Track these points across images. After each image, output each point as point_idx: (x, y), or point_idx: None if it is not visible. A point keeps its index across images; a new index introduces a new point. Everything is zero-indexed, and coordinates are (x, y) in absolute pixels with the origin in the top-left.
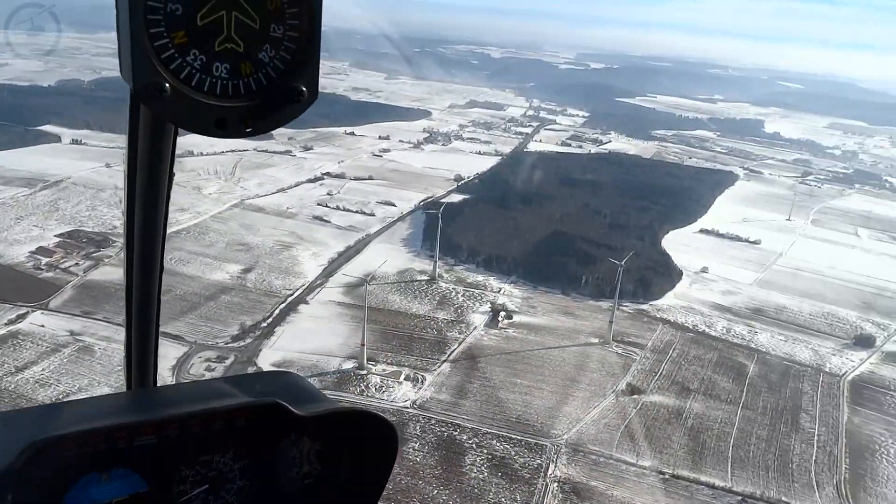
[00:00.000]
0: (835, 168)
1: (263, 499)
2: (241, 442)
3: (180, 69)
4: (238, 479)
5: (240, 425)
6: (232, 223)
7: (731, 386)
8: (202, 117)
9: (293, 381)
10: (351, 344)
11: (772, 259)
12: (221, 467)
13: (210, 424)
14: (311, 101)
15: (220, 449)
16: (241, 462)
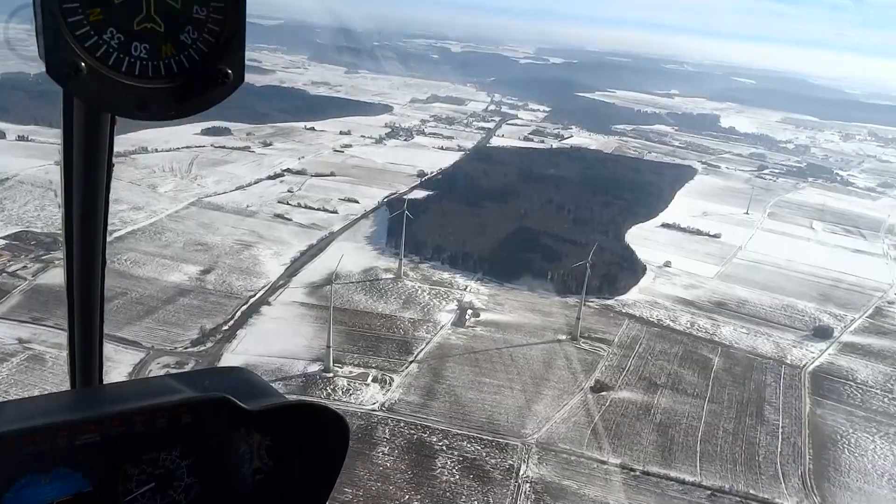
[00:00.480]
0: (788, 162)
1: (213, 496)
2: (189, 438)
3: (96, 48)
4: (186, 476)
5: (186, 421)
6: (189, 222)
7: (696, 380)
8: (121, 99)
9: (243, 376)
10: (316, 346)
11: (732, 252)
12: (168, 465)
13: (155, 421)
14: (237, 83)
15: (166, 446)
16: (188, 459)
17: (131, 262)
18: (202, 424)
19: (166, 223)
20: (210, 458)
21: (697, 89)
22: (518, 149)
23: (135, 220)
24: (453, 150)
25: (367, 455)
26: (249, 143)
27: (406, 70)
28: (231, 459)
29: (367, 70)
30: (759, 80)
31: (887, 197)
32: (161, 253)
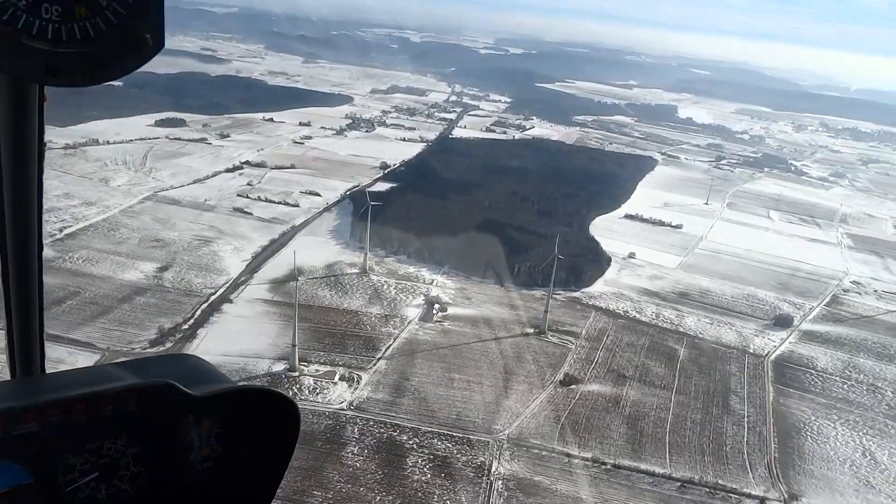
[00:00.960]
0: (745, 152)
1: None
2: (134, 426)
3: (3, 9)
4: (132, 465)
5: (131, 409)
6: (145, 217)
7: (663, 371)
8: (30, 63)
9: (192, 363)
10: (280, 344)
11: (693, 243)
12: (113, 454)
13: (98, 409)
14: (156, 50)
15: (110, 435)
16: (134, 447)
17: (84, 260)
18: (148, 412)
19: (120, 219)
20: (157, 447)
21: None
22: (481, 140)
23: (87, 215)
24: (416, 142)
25: (336, 456)
26: (206, 135)
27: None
28: (179, 447)
29: (325, 60)
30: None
31: (839, 186)
32: (116, 250)
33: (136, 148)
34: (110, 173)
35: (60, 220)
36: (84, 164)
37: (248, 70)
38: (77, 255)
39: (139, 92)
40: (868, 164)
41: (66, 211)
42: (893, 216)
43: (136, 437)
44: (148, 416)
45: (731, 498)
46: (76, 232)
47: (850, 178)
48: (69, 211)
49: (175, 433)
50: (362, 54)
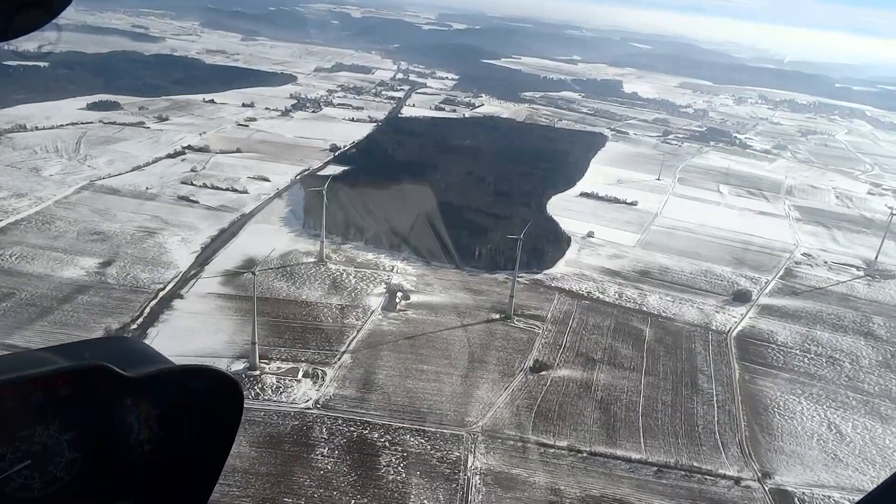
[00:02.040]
0: (690, 127)
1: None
2: (67, 411)
3: None
4: (67, 451)
5: (63, 393)
6: (82, 209)
7: (631, 353)
8: None
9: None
10: (238, 341)
11: (649, 220)
12: (45, 440)
13: (27, 395)
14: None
15: (41, 421)
16: (69, 433)
17: (18, 258)
18: (81, 396)
19: (55, 211)
20: (93, 431)
21: (598, 55)
22: (431, 119)
23: (18, 208)
24: (365, 122)
25: (305, 459)
26: (143, 119)
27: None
28: (117, 431)
29: (264, 37)
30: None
31: (782, 159)
32: (52, 245)
33: (68, 133)
34: (41, 162)
35: None
36: (11, 152)
37: (184, 48)
38: (10, 252)
39: (69, 73)
40: (807, 135)
41: None
42: (835, 187)
43: (70, 423)
44: (82, 401)
45: (707, 480)
46: (7, 227)
47: (791, 149)
48: None
49: (112, 416)
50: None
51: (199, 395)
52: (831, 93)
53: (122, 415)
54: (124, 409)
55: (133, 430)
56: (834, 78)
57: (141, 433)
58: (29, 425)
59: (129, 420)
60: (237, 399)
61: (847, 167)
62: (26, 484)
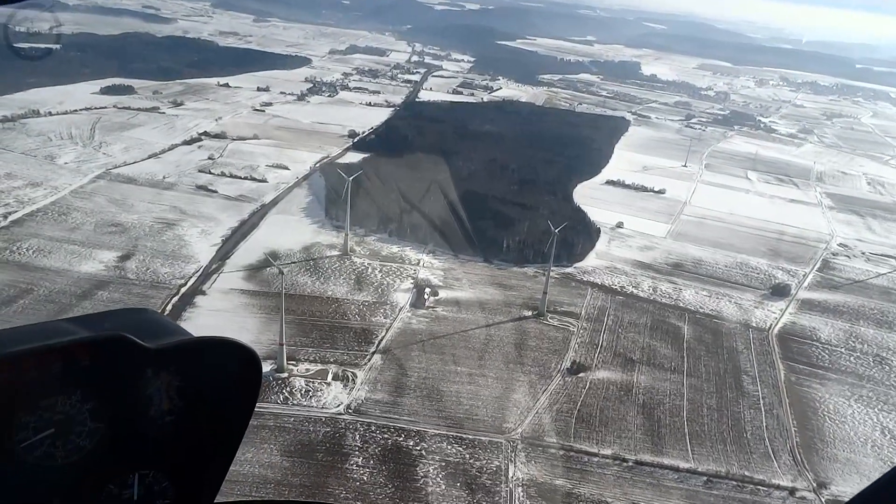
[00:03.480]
0: (712, 110)
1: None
2: (89, 382)
3: None
4: (89, 420)
5: (84, 364)
6: (99, 199)
7: (671, 352)
8: None
9: (148, 316)
10: (264, 341)
11: (678, 208)
12: (68, 410)
13: (48, 365)
14: None
15: (64, 390)
16: (90, 403)
17: (35, 251)
18: (102, 366)
19: (71, 201)
20: (115, 402)
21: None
22: (450, 103)
23: (33, 198)
24: (382, 107)
25: (339, 469)
26: (158, 103)
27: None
28: (137, 402)
29: (277, 18)
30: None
31: (808, 143)
32: (69, 238)
33: (83, 119)
34: (56, 149)
35: (3, 204)
36: (26, 138)
37: (196, 30)
38: (26, 245)
39: (81, 55)
40: (832, 118)
41: (8, 193)
42: (866, 172)
43: (91, 393)
44: (103, 371)
45: (760, 490)
46: (22, 218)
47: (817, 133)
48: (13, 193)
49: (132, 387)
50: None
51: (218, 366)
52: (852, 74)
53: (142, 386)
54: (145, 381)
55: (154, 401)
56: (854, 58)
57: (162, 404)
58: (51, 395)
59: (150, 391)
60: (256, 370)
61: (876, 152)
62: (49, 452)
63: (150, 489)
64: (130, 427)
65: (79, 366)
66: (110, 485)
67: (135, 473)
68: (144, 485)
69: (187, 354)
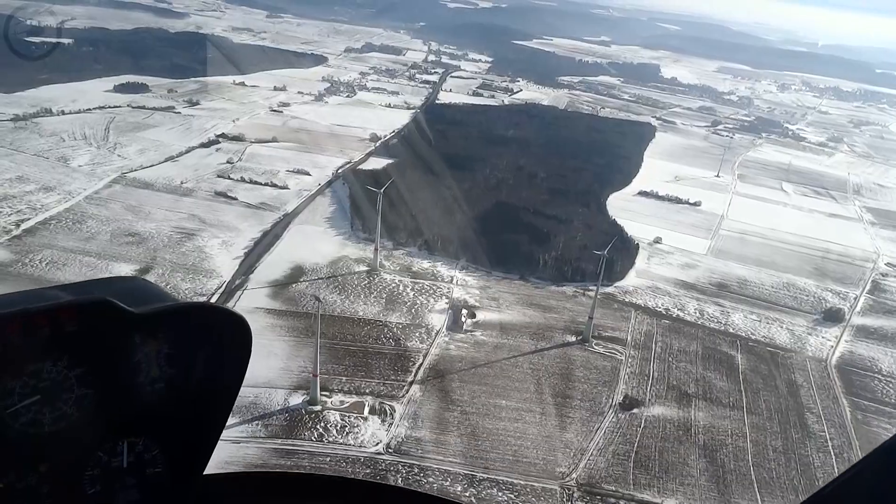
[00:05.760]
0: (737, 116)
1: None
2: (75, 348)
3: None
4: (76, 387)
5: (70, 329)
6: (114, 205)
7: (727, 385)
8: None
9: (137, 284)
10: (294, 368)
11: (716, 223)
12: (54, 376)
13: (34, 329)
14: None
15: (49, 356)
16: (77, 369)
17: (48, 263)
18: (88, 332)
19: (86, 208)
20: (102, 368)
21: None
22: (471, 106)
23: (46, 204)
24: (402, 108)
25: None
26: (173, 102)
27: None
28: (125, 368)
29: (290, 14)
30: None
31: (840, 153)
32: (84, 249)
33: (96, 119)
34: (69, 150)
35: (16, 210)
36: (38, 139)
37: (209, 26)
38: (39, 256)
39: (93, 51)
40: (860, 126)
41: (21, 199)
42: None
43: (78, 359)
44: (89, 337)
45: None
46: (36, 227)
47: (847, 142)
48: (25, 199)
49: (120, 354)
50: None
51: (206, 333)
52: (873, 79)
53: (130, 352)
54: (132, 347)
55: (142, 368)
56: (871, 63)
57: (150, 371)
58: (37, 360)
59: (138, 358)
60: (245, 337)
61: None
62: (36, 419)
63: (141, 457)
64: (119, 394)
65: (64, 331)
66: (99, 452)
67: (124, 441)
68: (134, 453)
69: (174, 320)
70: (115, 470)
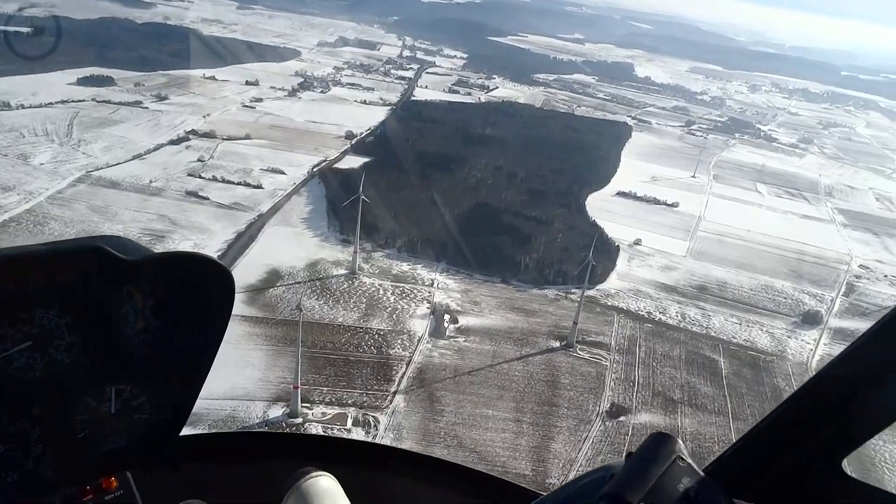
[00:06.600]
0: (711, 116)
1: (98, 355)
2: (66, 295)
3: None
4: (67, 335)
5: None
6: (79, 206)
7: (711, 390)
8: None
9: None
10: (273, 378)
11: (694, 224)
12: (46, 323)
13: (25, 276)
14: None
15: (41, 303)
16: (68, 317)
17: None
18: (79, 279)
19: (49, 209)
20: (92, 316)
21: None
22: (447, 103)
23: (5, 205)
24: (377, 105)
25: None
26: (140, 97)
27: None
28: (113, 318)
29: (261, 6)
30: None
31: (811, 154)
32: None
33: (59, 113)
34: (29, 147)
35: None
36: None
37: (178, 16)
38: None
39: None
40: (828, 128)
41: None
42: (872, 187)
43: (69, 307)
44: (80, 285)
45: None
46: None
47: (817, 144)
48: None
49: (110, 303)
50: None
51: (192, 283)
52: (839, 81)
53: (119, 302)
54: (121, 297)
55: (129, 319)
56: (837, 65)
57: (138, 319)
58: (29, 307)
59: (125, 309)
60: (229, 287)
61: (878, 165)
62: (28, 364)
63: (128, 403)
64: (108, 342)
65: (56, 278)
66: (88, 397)
67: (112, 387)
68: (122, 399)
69: (162, 268)
70: (103, 415)
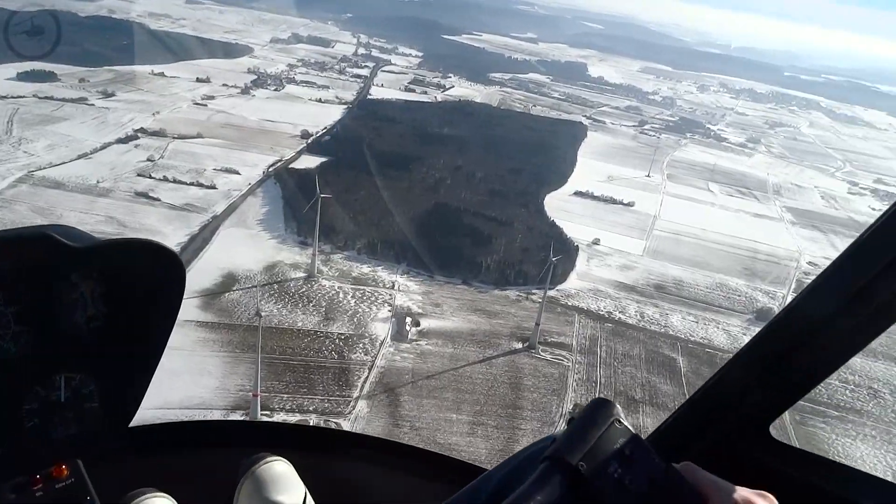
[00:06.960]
0: (662, 116)
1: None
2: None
3: None
4: (13, 324)
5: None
6: (20, 207)
7: (671, 389)
8: None
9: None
10: (230, 386)
11: (650, 223)
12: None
13: None
14: None
15: None
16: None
17: None
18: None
19: None
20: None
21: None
22: (404, 102)
23: None
24: (333, 103)
25: None
26: (85, 93)
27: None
28: (62, 306)
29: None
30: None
31: (758, 153)
32: None
33: None
34: None
35: None
36: None
37: (123, 10)
38: None
39: None
40: (774, 127)
41: None
42: (817, 186)
43: (14, 295)
44: (27, 273)
45: None
46: None
47: (764, 143)
48: None
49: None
50: None
51: (142, 269)
52: (782, 82)
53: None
54: (69, 285)
55: (78, 306)
56: (780, 66)
57: (87, 310)
58: None
59: (74, 296)
60: (179, 273)
61: (821, 163)
62: None
63: (77, 392)
64: (56, 330)
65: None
66: (37, 386)
67: (61, 376)
68: (71, 387)
69: (111, 255)
70: (52, 403)
